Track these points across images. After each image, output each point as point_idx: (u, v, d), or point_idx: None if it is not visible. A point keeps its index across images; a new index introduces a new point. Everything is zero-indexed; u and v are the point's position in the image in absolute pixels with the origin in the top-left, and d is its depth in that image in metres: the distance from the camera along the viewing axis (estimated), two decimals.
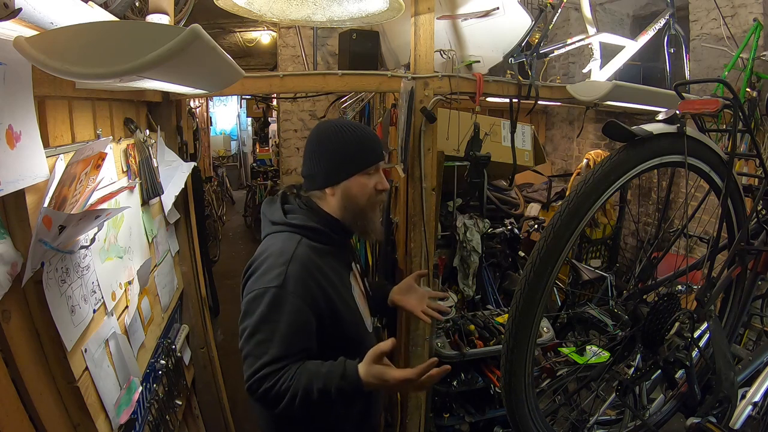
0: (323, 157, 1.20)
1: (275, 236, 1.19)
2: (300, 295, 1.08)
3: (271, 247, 1.16)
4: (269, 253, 1.14)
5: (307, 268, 1.12)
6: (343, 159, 1.19)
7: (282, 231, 1.19)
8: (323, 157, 1.20)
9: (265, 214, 1.26)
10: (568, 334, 2.86)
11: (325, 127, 1.24)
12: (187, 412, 2.00)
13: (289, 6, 1.47)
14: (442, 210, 2.46)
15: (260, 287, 1.09)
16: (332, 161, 1.20)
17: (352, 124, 1.29)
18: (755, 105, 2.71)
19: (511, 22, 2.13)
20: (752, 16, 2.87)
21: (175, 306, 1.98)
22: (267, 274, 1.10)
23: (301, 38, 3.88)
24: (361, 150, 1.20)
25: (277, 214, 1.22)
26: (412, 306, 1.44)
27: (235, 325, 1.16)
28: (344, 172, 1.20)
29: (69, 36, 0.81)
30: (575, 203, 1.18)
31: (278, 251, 1.13)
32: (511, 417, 1.36)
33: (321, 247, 1.19)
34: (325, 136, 1.21)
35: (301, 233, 1.18)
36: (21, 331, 0.97)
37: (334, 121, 1.29)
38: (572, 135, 4.71)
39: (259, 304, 1.07)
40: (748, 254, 1.55)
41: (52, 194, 0.98)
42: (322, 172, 1.21)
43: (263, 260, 1.13)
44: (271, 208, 1.25)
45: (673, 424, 1.69)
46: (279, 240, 1.17)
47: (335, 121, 1.34)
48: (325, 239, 1.20)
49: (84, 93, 1.24)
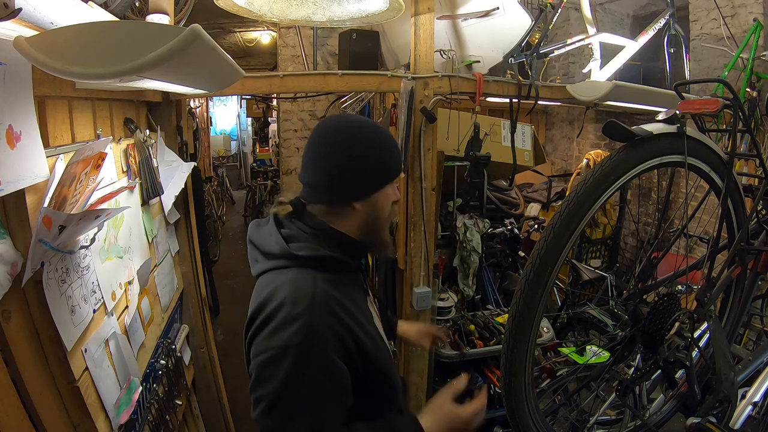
0: (357, 164, 0.95)
1: (278, 275, 0.93)
2: (331, 347, 0.87)
3: (279, 291, 0.90)
4: (280, 301, 0.88)
5: (333, 312, 0.89)
6: (381, 166, 0.98)
7: (285, 267, 0.94)
8: (357, 164, 0.95)
9: (256, 244, 1.00)
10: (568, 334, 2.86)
11: (354, 126, 0.99)
12: (187, 412, 2.00)
13: (289, 6, 1.47)
14: (442, 210, 2.46)
15: (276, 345, 0.85)
16: (366, 168, 0.96)
17: (373, 123, 1.07)
18: (755, 105, 2.71)
19: (511, 22, 2.13)
20: (752, 16, 2.87)
21: (175, 306, 1.98)
22: (283, 328, 0.85)
23: (301, 38, 3.88)
24: (396, 156, 1.02)
25: (273, 244, 0.96)
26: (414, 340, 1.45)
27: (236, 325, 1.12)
28: (378, 182, 0.98)
29: (69, 36, 0.81)
30: (575, 203, 1.18)
31: (291, 297, 0.88)
32: (511, 417, 1.36)
33: (337, 278, 0.95)
34: (361, 138, 0.97)
35: (313, 266, 0.93)
36: (21, 331, 0.97)
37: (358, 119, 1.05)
38: (572, 135, 4.71)
39: (277, 367, 0.84)
40: (748, 254, 1.55)
41: (52, 194, 0.98)
42: (352, 182, 0.96)
43: (273, 311, 0.88)
44: (263, 235, 0.99)
45: (673, 424, 1.69)
46: (287, 280, 0.91)
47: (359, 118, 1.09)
48: (342, 268, 0.98)
49: (84, 93, 1.24)
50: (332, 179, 0.96)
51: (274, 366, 0.85)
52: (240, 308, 1.13)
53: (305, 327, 0.85)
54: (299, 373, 0.84)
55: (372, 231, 1.00)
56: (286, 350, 0.84)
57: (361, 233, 0.99)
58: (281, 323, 0.86)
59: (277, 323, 0.86)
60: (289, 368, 0.84)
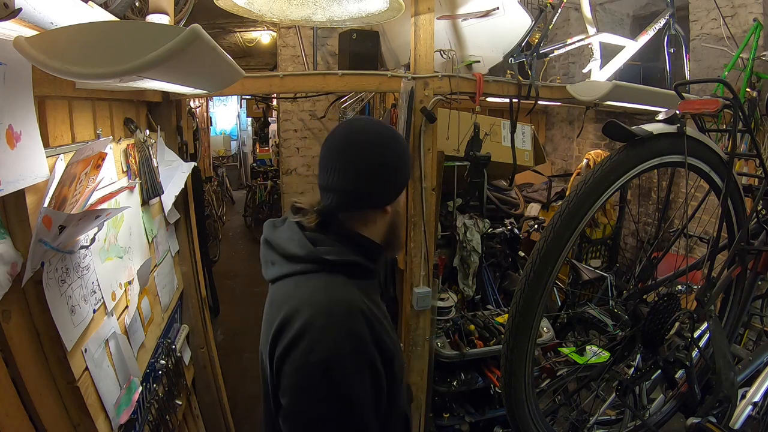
0: (393, 170, 0.94)
1: (305, 281, 0.88)
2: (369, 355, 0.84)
3: (310, 300, 0.84)
4: (315, 308, 0.82)
5: (368, 320, 0.85)
6: (404, 169, 0.98)
7: (312, 272, 0.89)
8: (393, 170, 0.94)
9: (274, 245, 0.94)
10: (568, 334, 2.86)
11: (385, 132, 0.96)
12: (187, 412, 2.00)
13: (289, 6, 1.47)
14: (442, 210, 2.46)
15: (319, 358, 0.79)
16: (397, 173, 0.95)
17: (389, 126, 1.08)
18: (755, 105, 2.71)
19: (511, 22, 2.13)
20: (752, 16, 2.87)
21: (175, 306, 1.98)
22: (322, 339, 0.80)
23: (301, 38, 3.88)
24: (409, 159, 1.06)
25: (296, 246, 0.90)
26: None
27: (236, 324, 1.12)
28: (403, 185, 1.00)
29: (69, 36, 0.81)
30: (575, 203, 1.18)
31: (326, 304, 0.83)
32: (511, 417, 1.36)
33: (363, 284, 0.93)
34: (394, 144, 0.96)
35: (342, 272, 0.89)
36: (21, 331, 0.97)
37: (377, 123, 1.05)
38: (572, 135, 4.71)
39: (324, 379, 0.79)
40: (748, 254, 1.55)
41: (52, 194, 0.98)
42: (387, 187, 0.95)
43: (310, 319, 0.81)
44: (284, 236, 0.94)
45: (673, 424, 1.70)
46: (317, 288, 0.86)
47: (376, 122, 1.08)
48: (366, 274, 0.96)
49: (84, 93, 1.24)
50: (369, 185, 0.92)
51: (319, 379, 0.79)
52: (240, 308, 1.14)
53: (346, 338, 0.81)
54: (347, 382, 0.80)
55: (394, 233, 1.00)
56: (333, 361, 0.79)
57: (385, 236, 0.98)
58: (320, 333, 0.80)
59: (316, 333, 0.80)
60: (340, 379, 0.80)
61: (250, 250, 6.29)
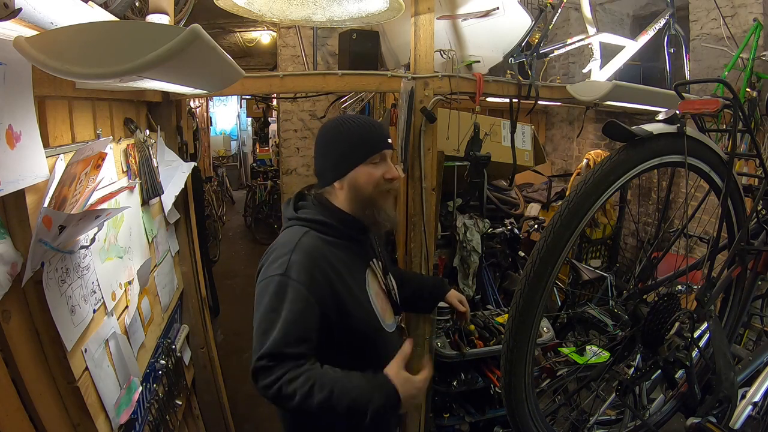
0: (329, 153, 1.22)
1: (285, 231, 1.22)
2: (303, 282, 1.07)
3: (279, 239, 1.19)
4: (276, 245, 1.17)
5: (311, 256, 1.12)
6: (347, 150, 1.20)
7: (292, 225, 1.21)
8: (329, 153, 1.22)
9: (283, 213, 1.31)
10: (568, 334, 2.86)
11: (329, 123, 1.26)
12: (187, 412, 2.00)
13: (289, 6, 1.47)
14: (442, 210, 2.46)
15: (264, 278, 1.10)
16: (336, 154, 1.21)
17: (354, 116, 1.30)
18: (755, 105, 2.71)
19: (511, 22, 2.13)
20: (752, 16, 2.87)
21: (175, 306, 1.98)
22: (272, 264, 1.11)
23: (301, 38, 3.88)
24: (363, 140, 1.21)
25: (289, 211, 1.26)
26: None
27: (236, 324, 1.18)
28: (348, 164, 1.20)
29: (69, 36, 0.81)
30: (575, 203, 1.18)
31: (283, 242, 1.16)
32: (511, 417, 1.36)
33: (331, 239, 1.19)
34: (329, 132, 1.23)
35: (309, 226, 1.19)
36: (21, 331, 0.97)
37: (337, 117, 1.30)
38: (572, 135, 4.71)
39: (263, 294, 1.08)
40: (748, 254, 1.55)
41: (52, 194, 0.98)
42: (330, 167, 1.23)
43: (270, 253, 1.16)
44: (287, 207, 1.29)
45: (673, 424, 1.70)
46: (287, 233, 1.20)
47: (339, 116, 1.33)
48: (336, 233, 1.20)
49: (84, 93, 1.24)
50: (321, 168, 1.26)
51: (261, 295, 1.09)
52: (240, 308, 1.17)
53: (285, 263, 1.09)
54: (276, 299, 1.05)
55: (360, 203, 1.21)
56: (270, 281, 1.08)
57: (351, 206, 1.22)
58: (271, 261, 1.12)
59: (269, 262, 1.13)
60: (271, 295, 1.06)
61: (250, 250, 6.29)
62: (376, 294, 1.28)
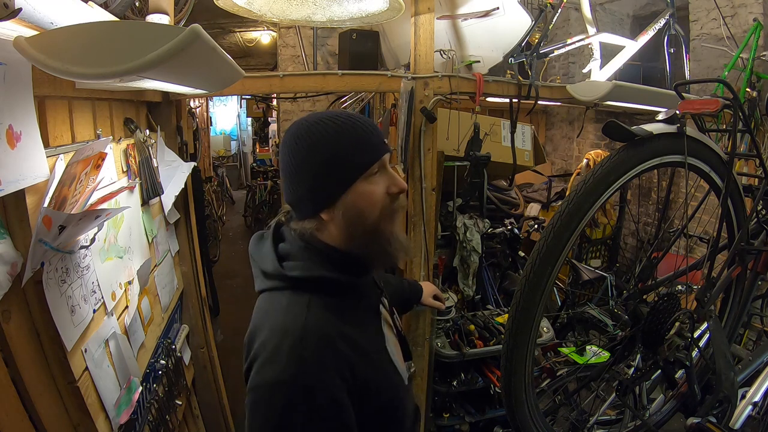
0: (304, 173, 0.84)
1: (272, 297, 0.85)
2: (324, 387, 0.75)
3: (270, 318, 0.81)
4: (270, 330, 0.79)
5: (328, 341, 0.78)
6: (332, 166, 0.82)
7: (279, 289, 0.85)
8: (304, 173, 0.84)
9: (255, 259, 0.91)
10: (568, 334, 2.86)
11: (296, 130, 0.85)
12: (187, 412, 2.00)
13: (289, 6, 1.47)
14: (442, 210, 2.46)
15: (266, 382, 0.75)
16: (317, 175, 0.83)
17: (328, 114, 0.87)
18: (755, 105, 2.71)
19: (511, 22, 2.13)
20: (752, 16, 2.87)
21: (175, 306, 1.98)
22: (272, 362, 0.76)
23: (301, 38, 3.88)
24: (353, 146, 0.83)
25: (268, 262, 0.87)
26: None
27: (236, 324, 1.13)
28: (338, 185, 0.83)
29: (69, 36, 0.81)
30: (575, 203, 1.18)
31: (281, 326, 0.79)
32: (511, 417, 1.36)
33: (336, 301, 0.84)
34: (301, 143, 0.84)
35: (307, 289, 0.83)
36: (21, 331, 0.97)
37: (304, 119, 0.87)
38: (572, 135, 4.71)
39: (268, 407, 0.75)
40: (748, 254, 1.55)
41: (52, 194, 0.98)
42: (308, 194, 0.85)
43: (265, 341, 0.78)
44: (261, 251, 0.90)
45: (673, 424, 1.70)
46: (279, 306, 0.82)
47: (306, 118, 0.88)
48: (342, 290, 0.86)
49: (84, 93, 1.24)
50: (295, 195, 0.87)
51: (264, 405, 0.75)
52: (240, 308, 1.14)
53: (295, 362, 0.74)
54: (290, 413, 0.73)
55: (363, 236, 0.85)
56: (276, 388, 0.74)
57: (349, 244, 0.86)
58: (270, 356, 0.76)
59: (266, 356, 0.76)
60: (280, 409, 0.73)
61: None
62: (393, 346, 0.96)
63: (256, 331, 0.82)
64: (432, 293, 1.54)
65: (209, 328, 2.21)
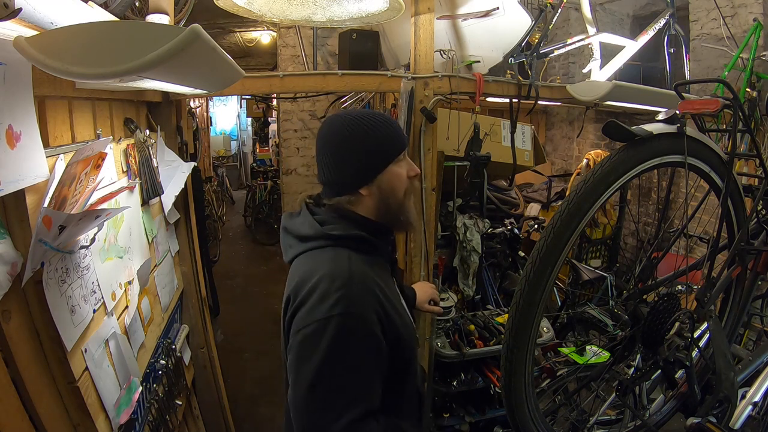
0: (350, 156, 1.03)
1: (314, 255, 0.99)
2: (370, 321, 0.90)
3: (317, 268, 0.94)
4: (319, 277, 0.92)
5: (370, 288, 0.94)
6: (373, 152, 1.03)
7: (320, 247, 1.00)
8: (350, 156, 1.03)
9: (290, 230, 1.07)
10: (568, 334, 2.86)
11: (339, 122, 1.06)
12: (187, 412, 2.00)
13: (289, 6, 1.47)
14: (442, 210, 2.46)
15: (317, 319, 0.87)
16: (361, 158, 1.03)
17: (365, 113, 1.11)
18: (755, 105, 2.71)
19: (511, 22, 2.13)
20: (752, 16, 2.87)
21: (175, 306, 1.98)
22: (323, 302, 0.88)
23: (301, 38, 3.88)
24: (388, 137, 1.05)
25: (307, 227, 1.03)
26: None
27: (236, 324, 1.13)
28: (377, 166, 1.04)
29: (69, 36, 0.81)
30: (575, 203, 1.18)
31: (329, 273, 0.92)
32: (511, 417, 1.36)
33: (370, 258, 1.02)
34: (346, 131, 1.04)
35: (347, 245, 1.00)
36: (21, 331, 0.97)
37: (344, 115, 1.09)
38: (572, 135, 4.71)
39: (319, 340, 0.86)
40: (748, 254, 1.55)
41: (52, 194, 0.98)
42: (352, 173, 1.04)
43: (313, 287, 0.91)
44: (298, 222, 1.07)
45: (673, 424, 1.69)
46: (323, 259, 0.97)
47: (345, 114, 1.11)
48: (373, 249, 1.04)
49: (84, 93, 1.24)
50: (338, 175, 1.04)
51: (316, 339, 0.87)
52: (240, 308, 1.14)
53: (345, 299, 0.88)
54: (342, 344, 0.86)
55: (393, 208, 1.05)
56: (328, 322, 0.86)
57: (380, 213, 1.05)
58: (322, 297, 0.89)
59: (318, 297, 0.89)
60: (331, 340, 0.86)
61: (250, 250, 6.29)
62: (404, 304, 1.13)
63: (301, 282, 0.94)
64: (428, 298, 1.50)
65: (209, 328, 2.21)
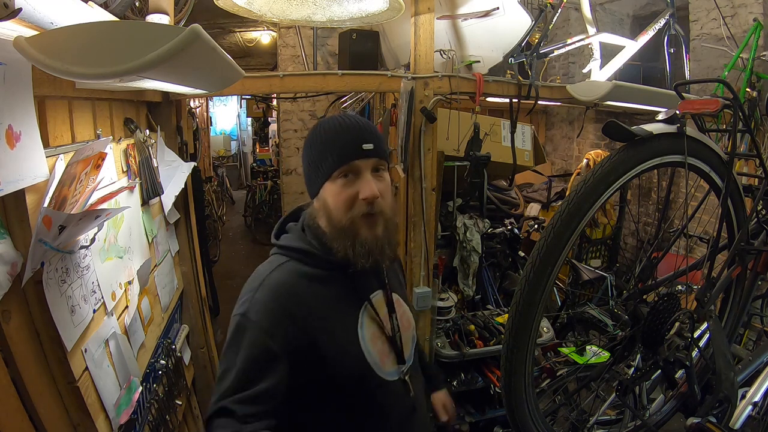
0: (304, 161, 1.02)
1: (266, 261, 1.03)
2: (262, 326, 0.89)
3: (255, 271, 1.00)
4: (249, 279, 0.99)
5: (277, 294, 0.93)
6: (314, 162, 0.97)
7: (273, 254, 1.03)
8: (304, 161, 1.02)
9: None
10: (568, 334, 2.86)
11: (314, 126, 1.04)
12: (187, 412, 2.00)
13: (289, 6, 1.47)
14: (442, 210, 2.46)
15: (232, 315, 0.94)
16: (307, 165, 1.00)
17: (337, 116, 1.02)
18: (755, 105, 2.71)
19: (511, 22, 2.13)
20: (752, 16, 2.87)
21: (175, 306, 1.98)
22: (238, 301, 0.95)
23: (301, 38, 3.88)
24: (328, 148, 0.95)
25: (274, 234, 1.07)
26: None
27: None
28: (316, 179, 0.98)
29: (69, 36, 0.81)
30: (575, 203, 1.18)
31: (252, 276, 0.98)
32: (511, 417, 1.36)
33: (314, 272, 0.97)
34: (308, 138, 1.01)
35: (288, 255, 1.00)
36: (21, 331, 0.97)
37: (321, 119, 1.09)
38: (572, 135, 4.71)
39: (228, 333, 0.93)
40: (748, 254, 1.55)
41: (52, 194, 0.98)
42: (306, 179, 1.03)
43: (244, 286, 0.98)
44: (276, 228, 1.10)
45: (673, 424, 1.69)
46: (265, 263, 1.01)
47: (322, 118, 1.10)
48: (319, 263, 0.98)
49: (84, 93, 1.24)
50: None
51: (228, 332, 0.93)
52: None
53: (248, 302, 0.92)
54: (233, 341, 0.90)
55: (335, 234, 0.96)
56: (233, 319, 0.93)
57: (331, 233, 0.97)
58: (240, 297, 0.95)
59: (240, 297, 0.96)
60: (230, 335, 0.91)
61: (250, 250, 6.29)
62: (373, 337, 1.00)
63: None
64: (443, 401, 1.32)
65: (209, 328, 2.21)
